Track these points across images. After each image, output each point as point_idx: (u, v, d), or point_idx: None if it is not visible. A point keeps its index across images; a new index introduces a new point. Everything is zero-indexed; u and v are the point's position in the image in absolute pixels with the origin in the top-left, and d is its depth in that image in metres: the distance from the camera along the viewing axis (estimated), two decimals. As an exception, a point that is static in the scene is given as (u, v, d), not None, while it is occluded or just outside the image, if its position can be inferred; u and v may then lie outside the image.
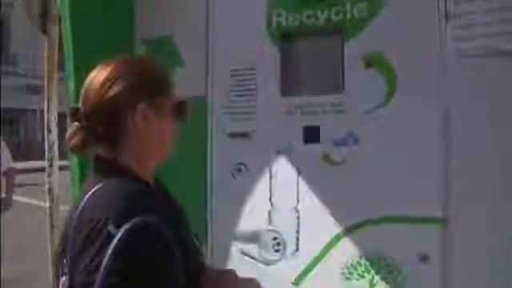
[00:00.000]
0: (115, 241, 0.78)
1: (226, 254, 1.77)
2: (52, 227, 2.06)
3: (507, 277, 1.35)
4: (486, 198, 1.38)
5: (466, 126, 1.42)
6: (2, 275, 3.09)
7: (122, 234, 0.78)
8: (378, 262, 1.53)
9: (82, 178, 1.66)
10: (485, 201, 1.38)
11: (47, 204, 2.10)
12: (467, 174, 1.41)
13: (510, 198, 1.36)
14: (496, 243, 1.37)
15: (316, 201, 1.62)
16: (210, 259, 1.38)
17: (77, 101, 1.72)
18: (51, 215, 2.07)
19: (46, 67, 2.11)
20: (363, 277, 1.55)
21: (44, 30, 2.14)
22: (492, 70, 1.39)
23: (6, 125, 15.55)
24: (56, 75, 2.13)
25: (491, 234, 1.38)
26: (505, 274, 1.36)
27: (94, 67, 1.04)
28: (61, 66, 1.96)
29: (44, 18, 2.13)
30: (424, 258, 1.46)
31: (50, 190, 2.10)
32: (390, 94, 1.52)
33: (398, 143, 1.51)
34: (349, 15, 1.58)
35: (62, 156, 2.03)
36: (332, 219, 1.60)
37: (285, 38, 1.70)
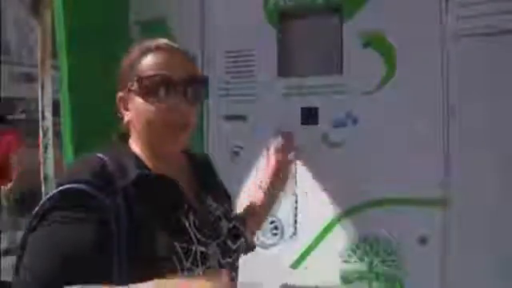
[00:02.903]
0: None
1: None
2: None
3: (505, 260, 1.34)
4: (486, 179, 1.37)
5: (467, 105, 1.40)
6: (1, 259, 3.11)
7: (51, 194, 0.85)
8: (377, 245, 1.52)
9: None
10: (485, 183, 1.37)
11: (43, 190, 2.08)
12: (468, 155, 1.40)
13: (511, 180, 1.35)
14: (495, 225, 1.36)
15: (314, 183, 1.61)
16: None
17: (70, 88, 1.70)
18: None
19: (38, 54, 2.07)
20: (362, 260, 1.55)
21: (36, 16, 2.09)
22: (493, 49, 1.37)
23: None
24: (49, 62, 2.09)
25: (491, 216, 1.37)
26: (503, 256, 1.35)
27: (87, 52, 1.03)
28: (54, 53, 1.93)
29: (36, 3, 2.09)
30: (423, 241, 1.45)
31: (46, 176, 2.08)
32: (390, 74, 1.50)
33: (397, 124, 1.49)
34: (347, -6, 1.56)
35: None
36: (330, 202, 1.59)
37: (282, 18, 1.67)
